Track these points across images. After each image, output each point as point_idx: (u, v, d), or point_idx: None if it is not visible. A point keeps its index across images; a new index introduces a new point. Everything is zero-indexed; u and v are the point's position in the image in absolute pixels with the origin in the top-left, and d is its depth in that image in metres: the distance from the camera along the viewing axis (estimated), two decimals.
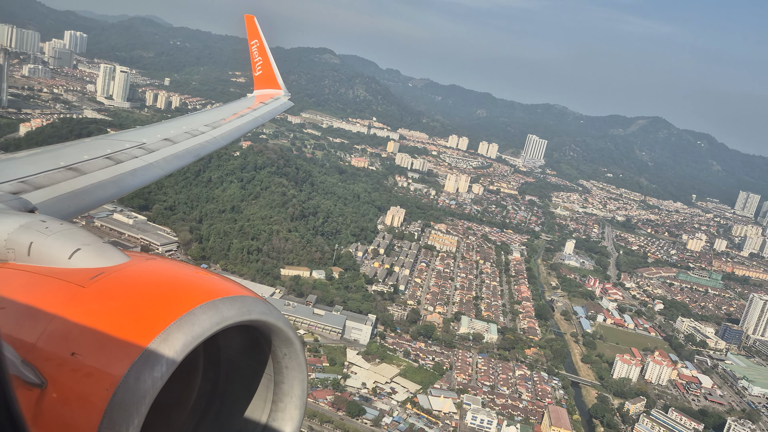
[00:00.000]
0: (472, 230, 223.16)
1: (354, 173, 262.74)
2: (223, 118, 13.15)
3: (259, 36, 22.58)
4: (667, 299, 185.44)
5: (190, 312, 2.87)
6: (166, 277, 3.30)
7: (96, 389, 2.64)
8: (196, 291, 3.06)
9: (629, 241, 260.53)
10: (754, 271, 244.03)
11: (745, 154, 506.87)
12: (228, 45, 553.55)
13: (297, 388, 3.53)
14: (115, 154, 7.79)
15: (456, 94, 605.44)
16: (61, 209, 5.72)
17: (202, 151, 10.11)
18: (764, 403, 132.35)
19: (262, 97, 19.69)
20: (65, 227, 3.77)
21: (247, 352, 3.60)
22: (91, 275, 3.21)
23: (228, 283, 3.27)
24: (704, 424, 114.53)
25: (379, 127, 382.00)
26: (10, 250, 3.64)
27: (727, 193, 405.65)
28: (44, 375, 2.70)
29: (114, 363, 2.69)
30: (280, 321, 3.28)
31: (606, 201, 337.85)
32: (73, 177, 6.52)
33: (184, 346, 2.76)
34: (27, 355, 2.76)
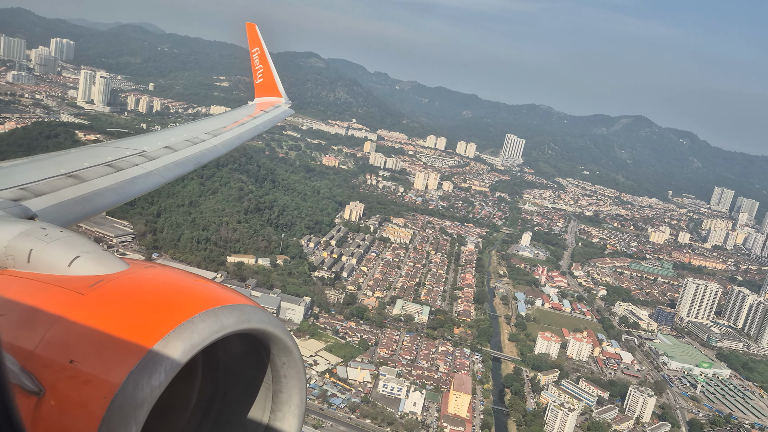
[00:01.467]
0: (432, 224, 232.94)
1: (322, 172, 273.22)
2: (224, 126, 13.28)
3: (260, 44, 22.92)
4: (612, 286, 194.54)
5: (189, 320, 2.88)
6: (165, 284, 3.30)
7: (94, 397, 2.65)
8: (196, 299, 3.07)
9: (592, 234, 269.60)
10: (710, 261, 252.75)
11: (727, 151, 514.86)
12: (215, 50, 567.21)
13: (295, 397, 3.54)
14: (116, 161, 7.86)
15: (442, 96, 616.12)
16: (61, 216, 5.78)
17: (202, 158, 10.21)
18: (679, 375, 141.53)
19: (263, 104, 19.99)
20: (65, 234, 3.78)
21: (245, 361, 3.60)
22: (91, 283, 3.20)
23: (227, 292, 3.27)
24: (610, 393, 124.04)
25: (357, 128, 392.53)
26: (10, 257, 3.64)
27: (704, 189, 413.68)
28: (42, 382, 2.71)
29: (112, 370, 2.69)
30: (279, 330, 3.28)
31: (579, 197, 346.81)
32: (74, 184, 6.57)
33: (183, 354, 2.77)
34: (26, 362, 2.78)
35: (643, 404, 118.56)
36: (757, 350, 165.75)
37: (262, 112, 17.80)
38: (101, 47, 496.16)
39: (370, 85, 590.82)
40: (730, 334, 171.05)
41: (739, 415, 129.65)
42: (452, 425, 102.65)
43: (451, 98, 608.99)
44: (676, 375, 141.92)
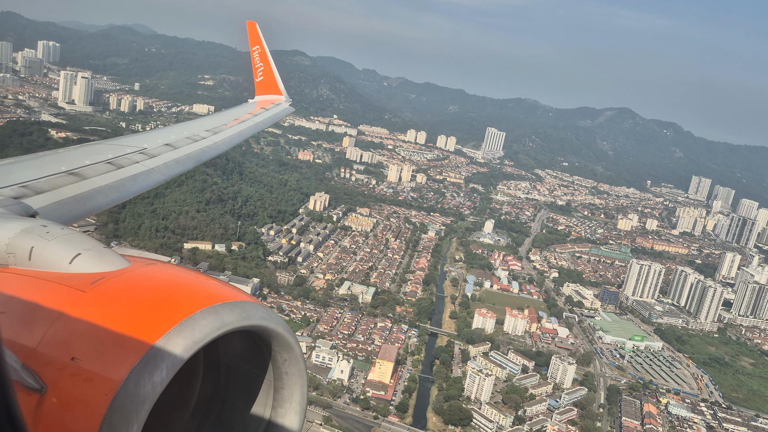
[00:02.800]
0: (398, 214, 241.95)
1: (295, 166, 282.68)
2: (225, 124, 13.34)
3: (260, 42, 23.14)
4: (565, 269, 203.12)
5: (191, 317, 2.90)
6: (167, 282, 3.32)
7: (96, 394, 2.67)
8: (197, 296, 3.10)
9: (559, 222, 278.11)
10: (674, 247, 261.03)
11: (711, 141, 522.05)
12: (203, 50, 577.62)
13: (297, 394, 3.57)
14: (117, 159, 7.92)
15: (430, 92, 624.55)
16: (62, 214, 5.82)
17: (203, 156, 10.30)
18: (611, 348, 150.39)
19: (263, 102, 20.22)
20: (66, 232, 3.82)
21: (247, 358, 3.64)
22: (92, 280, 3.23)
23: (228, 289, 3.28)
24: (535, 362, 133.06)
25: (338, 124, 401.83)
26: (11, 254, 3.67)
27: (684, 178, 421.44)
28: (44, 380, 2.73)
29: (114, 368, 2.71)
30: (281, 326, 3.30)
31: (555, 188, 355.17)
32: (75, 182, 6.61)
33: (184, 351, 2.80)
34: (27, 359, 2.79)
35: (564, 371, 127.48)
36: (695, 325, 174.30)
37: (262, 110, 18.08)
38: (88, 49, 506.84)
39: (358, 82, 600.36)
40: (671, 312, 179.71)
41: (661, 382, 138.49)
42: (374, 390, 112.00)
43: (438, 94, 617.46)
44: (609, 348, 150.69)
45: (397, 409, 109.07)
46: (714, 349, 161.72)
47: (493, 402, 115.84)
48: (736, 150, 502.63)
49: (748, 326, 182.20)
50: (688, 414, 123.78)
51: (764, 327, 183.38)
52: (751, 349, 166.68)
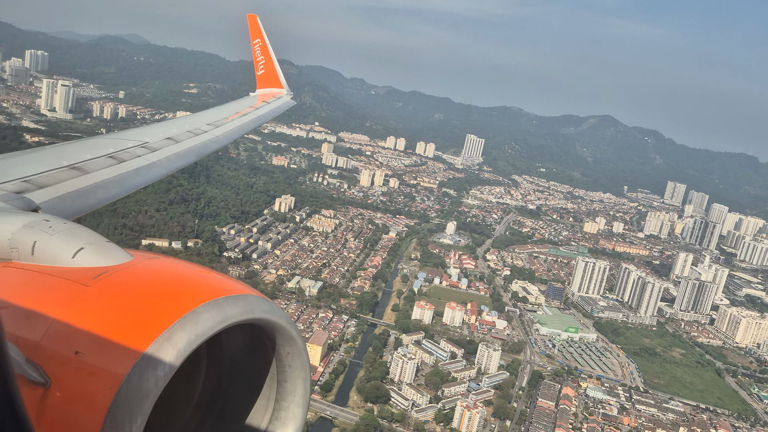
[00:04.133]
0: (363, 215, 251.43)
1: (268, 170, 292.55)
2: (226, 117, 13.57)
3: (261, 35, 23.34)
4: (518, 268, 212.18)
5: (194, 311, 2.93)
6: (169, 275, 3.35)
7: (100, 388, 2.70)
8: (200, 290, 3.11)
9: (526, 224, 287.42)
10: (635, 248, 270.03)
11: (692, 148, 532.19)
12: (191, 59, 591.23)
13: (300, 387, 3.61)
14: (118, 153, 7.96)
15: (416, 100, 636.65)
16: (64, 208, 5.83)
17: (204, 150, 10.44)
18: (545, 339, 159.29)
19: (264, 95, 20.35)
20: (69, 226, 3.84)
21: (250, 351, 3.67)
22: (95, 274, 3.24)
23: (231, 282, 3.31)
24: (465, 350, 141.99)
25: (318, 131, 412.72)
26: (14, 249, 3.69)
27: (662, 184, 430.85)
28: (48, 374, 2.74)
29: (117, 362, 2.74)
30: (283, 319, 3.32)
31: (529, 193, 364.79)
32: (77, 176, 6.66)
33: (188, 345, 2.82)
34: (31, 353, 2.81)
35: (489, 358, 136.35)
36: (635, 319, 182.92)
37: (263, 103, 18.10)
38: (77, 58, 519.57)
39: (345, 91, 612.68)
40: (614, 307, 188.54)
41: (588, 369, 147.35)
42: None
43: (424, 102, 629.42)
44: (543, 339, 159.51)
45: (322, 389, 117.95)
46: (648, 341, 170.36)
47: (416, 384, 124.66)
48: (716, 157, 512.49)
49: (688, 321, 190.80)
50: (605, 396, 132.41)
51: (704, 321, 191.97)
52: (684, 341, 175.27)
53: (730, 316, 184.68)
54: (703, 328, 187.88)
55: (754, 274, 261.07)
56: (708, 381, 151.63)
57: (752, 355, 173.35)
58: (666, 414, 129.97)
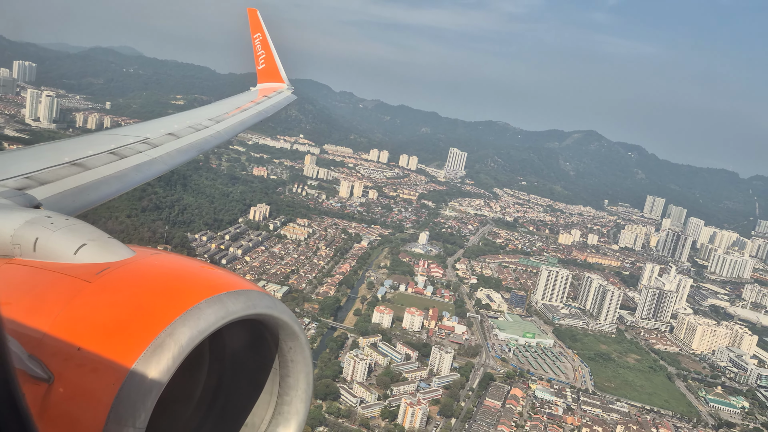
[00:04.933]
0: (337, 225, 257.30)
1: (248, 180, 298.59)
2: (227, 112, 13.65)
3: (261, 29, 23.28)
4: (485, 276, 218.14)
5: (196, 306, 2.94)
6: (172, 271, 3.35)
7: (102, 384, 2.71)
8: (202, 285, 3.12)
9: (501, 235, 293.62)
10: (607, 259, 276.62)
11: (674, 163, 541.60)
12: (181, 71, 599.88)
13: (302, 382, 3.62)
14: (120, 149, 8.02)
15: (404, 114, 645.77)
16: (66, 205, 5.86)
17: (205, 145, 10.53)
18: (502, 344, 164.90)
19: (265, 90, 20.50)
20: (70, 222, 3.85)
21: (252, 346, 3.67)
22: (97, 270, 3.25)
23: (233, 277, 3.31)
24: (420, 353, 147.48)
25: (302, 143, 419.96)
26: (16, 245, 3.70)
27: (643, 198, 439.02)
28: (51, 369, 2.75)
29: (120, 357, 2.75)
30: (285, 315, 3.33)
31: (509, 205, 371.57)
32: (78, 172, 6.70)
33: (190, 341, 2.83)
34: (34, 349, 2.82)
35: (441, 360, 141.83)
36: (595, 326, 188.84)
37: (264, 98, 18.08)
38: (65, 69, 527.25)
39: (334, 104, 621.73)
40: (575, 314, 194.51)
41: (540, 373, 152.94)
42: None
43: (412, 116, 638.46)
44: (500, 343, 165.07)
45: None
46: (605, 346, 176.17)
47: (367, 383, 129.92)
48: (698, 172, 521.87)
49: (648, 328, 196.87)
50: (552, 398, 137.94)
51: (664, 329, 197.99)
52: (641, 347, 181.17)
53: (688, 323, 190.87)
54: (662, 336, 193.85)
55: (722, 285, 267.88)
56: (658, 385, 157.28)
57: (706, 361, 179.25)
58: (610, 414, 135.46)
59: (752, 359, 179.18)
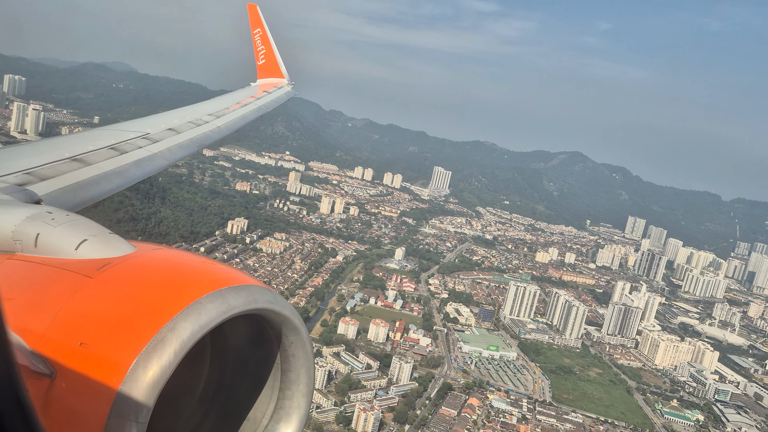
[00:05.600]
0: (315, 240, 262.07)
1: (229, 195, 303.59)
2: (227, 107, 13.81)
3: (261, 25, 23.53)
4: (456, 292, 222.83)
5: (197, 301, 2.95)
6: (173, 266, 3.37)
7: (105, 379, 2.72)
8: (203, 280, 3.13)
9: (478, 253, 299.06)
10: (581, 278, 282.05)
11: (658, 185, 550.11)
12: (171, 87, 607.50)
13: (304, 376, 3.64)
14: (120, 144, 8.04)
15: (392, 133, 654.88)
16: (66, 200, 5.90)
17: (206, 140, 10.63)
18: (465, 357, 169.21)
19: (265, 86, 20.58)
20: (71, 218, 3.88)
21: (253, 341, 3.69)
22: (98, 266, 3.26)
23: (234, 273, 3.33)
24: (381, 362, 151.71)
25: (288, 160, 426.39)
26: (18, 241, 3.72)
27: (625, 219, 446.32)
28: (53, 365, 2.76)
29: (122, 352, 2.76)
30: (287, 310, 3.35)
31: (490, 224, 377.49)
32: (78, 168, 6.74)
33: (192, 336, 2.84)
34: (36, 345, 2.83)
35: (401, 369, 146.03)
36: (560, 341, 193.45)
37: (264, 93, 18.13)
38: (54, 84, 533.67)
39: (323, 122, 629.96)
40: (542, 329, 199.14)
41: (500, 384, 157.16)
42: None
43: (400, 135, 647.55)
44: (464, 356, 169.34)
45: None
46: (568, 360, 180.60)
47: (326, 390, 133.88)
48: (681, 194, 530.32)
49: (614, 344, 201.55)
50: (508, 407, 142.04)
51: (629, 345, 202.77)
52: (604, 362, 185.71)
53: (651, 339, 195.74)
54: (627, 351, 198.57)
55: (695, 304, 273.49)
56: (616, 398, 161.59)
57: (667, 375, 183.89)
58: (564, 424, 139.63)
59: (713, 375, 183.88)
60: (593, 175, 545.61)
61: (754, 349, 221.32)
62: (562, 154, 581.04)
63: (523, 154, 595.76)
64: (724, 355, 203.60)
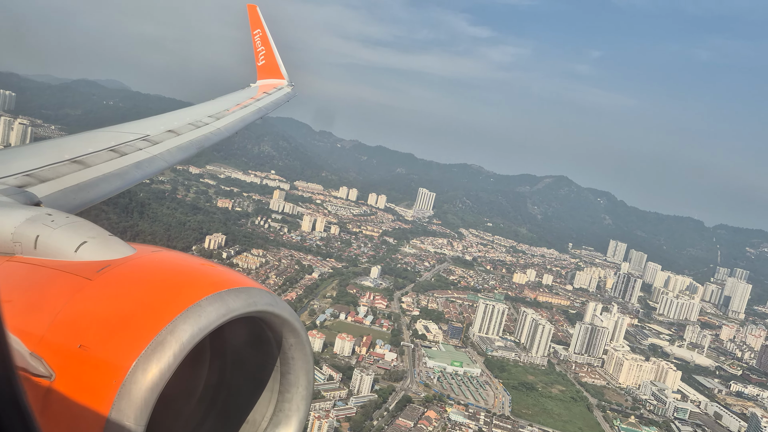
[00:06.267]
0: (293, 256, 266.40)
1: (210, 211, 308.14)
2: (227, 109, 13.78)
3: (261, 25, 23.69)
4: (427, 309, 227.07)
5: (197, 304, 2.95)
6: (172, 268, 3.37)
7: (104, 381, 2.73)
8: (203, 283, 3.14)
9: (456, 272, 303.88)
10: (556, 298, 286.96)
11: (642, 210, 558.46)
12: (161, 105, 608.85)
13: (303, 379, 3.64)
14: (120, 146, 8.06)
15: (381, 154, 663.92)
16: (66, 202, 5.91)
17: (205, 142, 10.68)
18: (429, 371, 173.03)
19: (265, 86, 20.79)
20: (71, 220, 3.89)
21: (253, 343, 3.68)
22: (98, 268, 3.26)
23: (234, 275, 3.34)
24: (344, 374, 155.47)
25: (273, 179, 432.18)
26: (17, 243, 3.74)
27: (607, 242, 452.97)
28: (52, 367, 2.77)
29: (122, 355, 2.77)
30: (286, 312, 3.35)
31: (471, 245, 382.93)
32: (78, 170, 6.76)
33: (191, 338, 2.84)
34: (35, 347, 2.83)
35: (361, 381, 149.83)
36: (526, 359, 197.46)
37: (264, 94, 18.48)
38: (44, 100, 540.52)
39: (313, 143, 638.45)
40: (509, 347, 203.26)
41: (461, 398, 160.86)
42: None
43: (389, 156, 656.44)
44: (428, 371, 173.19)
45: None
46: (532, 377, 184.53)
47: None
48: (664, 219, 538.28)
49: (580, 363, 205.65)
50: (465, 420, 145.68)
51: (596, 364, 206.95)
52: (568, 379, 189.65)
53: (616, 358, 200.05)
54: (593, 370, 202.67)
55: (668, 326, 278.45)
56: (576, 414, 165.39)
57: (630, 394, 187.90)
58: None
59: (675, 394, 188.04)
60: (578, 199, 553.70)
61: (721, 371, 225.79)
62: (548, 178, 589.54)
63: (509, 177, 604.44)
64: (689, 376, 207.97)
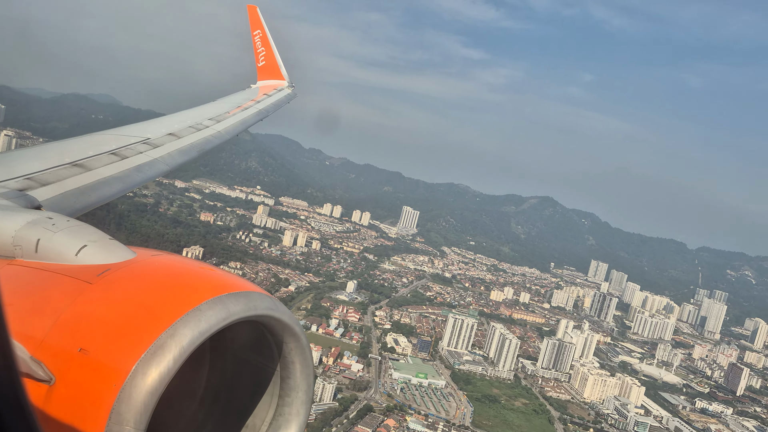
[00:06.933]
0: (270, 270, 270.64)
1: (191, 225, 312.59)
2: (227, 111, 13.83)
3: (261, 26, 23.76)
4: (399, 323, 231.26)
5: (197, 308, 2.97)
6: (173, 272, 3.38)
7: (104, 385, 2.75)
8: (203, 286, 3.16)
9: (433, 289, 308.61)
10: (531, 316, 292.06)
11: (626, 232, 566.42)
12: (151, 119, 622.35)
13: (303, 383, 3.66)
14: (120, 149, 8.10)
15: (368, 173, 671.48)
16: (67, 206, 5.94)
17: (206, 145, 10.72)
18: (393, 383, 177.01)
19: (265, 88, 20.85)
20: (72, 224, 3.92)
21: (253, 347, 3.71)
22: (98, 271, 3.28)
23: (234, 279, 3.36)
24: None
25: (258, 194, 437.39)
26: (18, 246, 3.75)
27: (589, 263, 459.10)
28: (52, 371, 2.80)
29: (122, 359, 2.79)
30: (286, 316, 3.37)
31: (452, 263, 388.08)
32: (79, 173, 6.78)
33: (191, 342, 2.87)
34: (35, 351, 2.86)
35: (323, 389, 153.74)
36: (493, 373, 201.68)
37: (264, 96, 18.50)
38: (33, 113, 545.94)
39: (302, 160, 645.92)
40: (477, 361, 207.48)
41: (423, 408, 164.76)
42: None
43: (376, 175, 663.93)
44: (393, 382, 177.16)
45: None
46: (497, 390, 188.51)
47: None
48: (647, 241, 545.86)
49: (547, 377, 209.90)
50: (424, 429, 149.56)
51: (563, 379, 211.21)
52: (533, 393, 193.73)
53: (582, 373, 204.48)
54: (559, 384, 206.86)
55: (642, 345, 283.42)
56: (536, 426, 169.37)
57: (593, 408, 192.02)
58: None
59: (639, 409, 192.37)
60: (562, 219, 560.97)
61: (688, 388, 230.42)
62: (533, 199, 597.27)
63: (495, 197, 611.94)
64: (655, 392, 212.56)
